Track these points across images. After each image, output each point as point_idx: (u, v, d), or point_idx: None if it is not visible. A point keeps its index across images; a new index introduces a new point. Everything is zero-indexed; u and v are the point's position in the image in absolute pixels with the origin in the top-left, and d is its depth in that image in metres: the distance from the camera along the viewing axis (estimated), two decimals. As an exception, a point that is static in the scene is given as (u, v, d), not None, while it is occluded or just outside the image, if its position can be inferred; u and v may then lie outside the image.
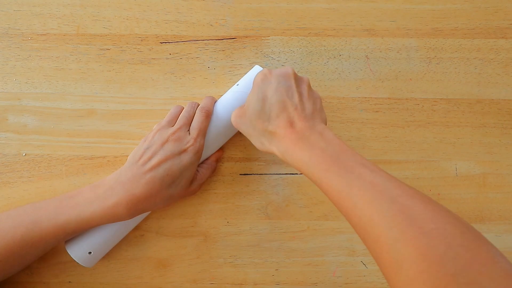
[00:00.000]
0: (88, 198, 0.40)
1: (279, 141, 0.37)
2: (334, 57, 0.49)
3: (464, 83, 0.49)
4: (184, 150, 0.42)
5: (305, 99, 0.39)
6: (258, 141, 0.40)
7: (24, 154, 0.48)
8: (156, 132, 0.43)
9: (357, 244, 0.48)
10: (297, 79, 0.40)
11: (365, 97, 0.49)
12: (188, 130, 0.44)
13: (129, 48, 0.49)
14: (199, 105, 0.46)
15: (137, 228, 0.48)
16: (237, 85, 0.46)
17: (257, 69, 0.46)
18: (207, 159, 0.46)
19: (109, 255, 0.47)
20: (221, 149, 0.48)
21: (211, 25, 0.49)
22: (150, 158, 0.41)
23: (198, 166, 0.45)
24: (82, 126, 0.49)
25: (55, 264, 0.47)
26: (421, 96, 0.49)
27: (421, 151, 0.49)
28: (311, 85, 0.41)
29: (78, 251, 0.42)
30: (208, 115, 0.44)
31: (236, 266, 0.48)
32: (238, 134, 0.47)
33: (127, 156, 0.48)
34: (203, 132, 0.44)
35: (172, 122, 0.44)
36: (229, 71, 0.49)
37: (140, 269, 0.47)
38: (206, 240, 0.48)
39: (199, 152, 0.43)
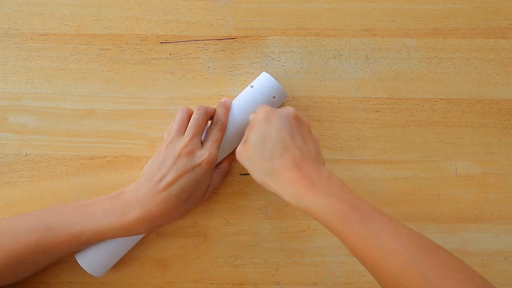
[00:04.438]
0: (104, 209, 0.40)
1: (286, 184, 0.37)
2: (334, 57, 0.49)
3: (464, 83, 0.49)
4: (198, 165, 0.41)
5: (307, 141, 0.40)
6: (260, 179, 0.39)
7: (24, 154, 0.48)
8: (168, 144, 0.42)
9: (357, 244, 0.48)
10: (298, 121, 0.41)
11: (365, 97, 0.49)
12: (200, 139, 0.42)
13: (129, 48, 0.49)
14: (207, 110, 0.44)
15: (137, 228, 0.48)
16: (252, 86, 0.45)
17: (265, 76, 0.46)
18: (219, 163, 0.46)
19: (109, 255, 0.47)
20: (233, 152, 0.47)
21: (211, 25, 0.49)
22: (164, 175, 0.40)
23: None
24: (82, 126, 0.49)
25: (55, 264, 0.47)
26: (421, 96, 0.49)
27: (421, 151, 0.49)
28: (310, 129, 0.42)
29: (90, 263, 0.42)
30: (223, 128, 0.44)
31: (236, 266, 0.48)
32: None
33: (127, 156, 0.48)
34: (218, 143, 0.43)
35: (181, 130, 0.43)
36: (229, 71, 0.49)
37: (140, 269, 0.47)
38: (206, 240, 0.48)
39: (213, 165, 0.42)
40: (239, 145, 0.41)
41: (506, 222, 0.48)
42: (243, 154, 0.40)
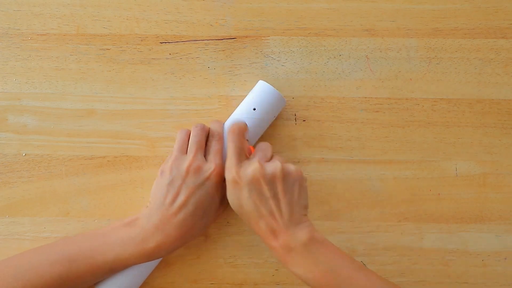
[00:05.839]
0: (123, 238, 0.40)
1: (270, 249, 0.40)
2: (334, 57, 0.49)
3: (464, 83, 0.49)
4: (207, 178, 0.41)
5: (281, 201, 0.39)
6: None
7: (24, 154, 0.48)
8: (172, 164, 0.42)
9: (357, 244, 0.48)
10: (268, 180, 0.39)
11: (365, 97, 0.49)
12: (203, 154, 0.43)
13: (129, 48, 0.49)
14: (204, 126, 0.45)
15: (137, 228, 0.48)
16: (254, 109, 0.45)
17: (261, 84, 0.46)
18: None
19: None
20: None
21: (211, 25, 0.49)
22: (176, 197, 0.40)
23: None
24: (82, 126, 0.49)
25: None
26: (421, 96, 0.49)
27: (421, 151, 0.49)
28: (284, 168, 0.40)
29: None
30: (221, 138, 0.44)
31: (236, 266, 0.48)
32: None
33: (127, 156, 0.48)
34: (220, 154, 0.43)
35: (183, 149, 0.43)
36: (229, 71, 0.49)
37: (140, 269, 0.47)
38: (206, 240, 0.48)
39: (222, 175, 0.42)
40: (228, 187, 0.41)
41: (506, 222, 0.48)
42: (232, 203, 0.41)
